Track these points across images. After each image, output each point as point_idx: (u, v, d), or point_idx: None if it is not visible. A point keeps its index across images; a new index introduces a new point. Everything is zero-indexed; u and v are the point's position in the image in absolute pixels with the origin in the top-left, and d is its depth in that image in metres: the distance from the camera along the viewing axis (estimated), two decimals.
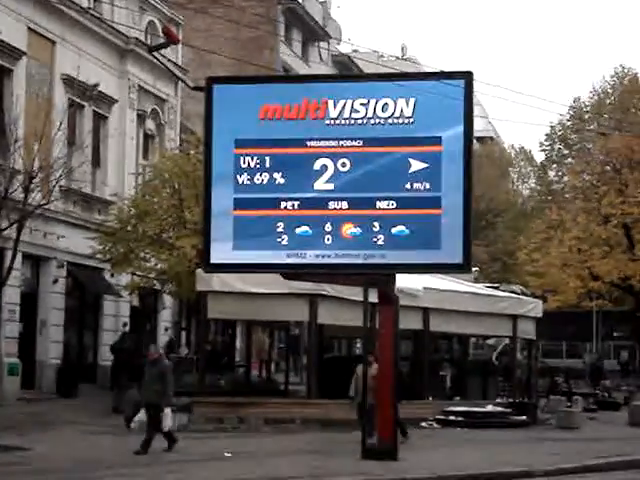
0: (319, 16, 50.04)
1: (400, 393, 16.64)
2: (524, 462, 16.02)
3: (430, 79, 16.49)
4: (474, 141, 17.43)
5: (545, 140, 50.97)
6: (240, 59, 33.57)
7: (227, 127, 16.04)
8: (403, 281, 18.73)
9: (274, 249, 15.76)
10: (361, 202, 15.67)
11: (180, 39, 30.76)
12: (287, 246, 15.71)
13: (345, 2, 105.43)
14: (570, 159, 49.37)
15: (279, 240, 15.73)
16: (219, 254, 15.97)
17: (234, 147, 15.95)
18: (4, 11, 25.32)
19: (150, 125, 33.26)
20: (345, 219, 15.66)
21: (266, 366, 31.67)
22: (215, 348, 33.74)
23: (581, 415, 24.53)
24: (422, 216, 15.58)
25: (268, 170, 15.82)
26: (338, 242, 15.64)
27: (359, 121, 15.78)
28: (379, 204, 15.61)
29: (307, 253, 15.71)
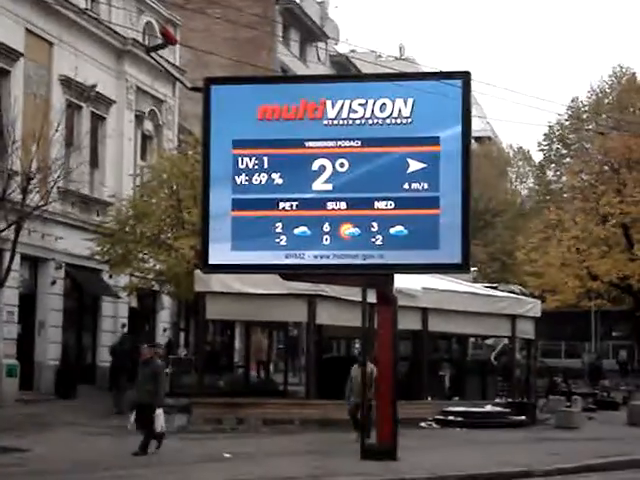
0: (317, 16, 50.06)
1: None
2: (523, 462, 16.01)
3: (428, 79, 16.47)
4: (472, 141, 17.41)
5: (543, 140, 51.03)
6: (238, 60, 33.52)
7: (225, 128, 16.02)
8: (402, 281, 18.72)
9: (272, 250, 15.75)
10: (359, 202, 15.66)
11: (178, 40, 30.76)
12: (285, 247, 15.69)
13: (343, 2, 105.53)
14: (568, 159, 49.41)
15: (277, 241, 15.72)
16: (217, 255, 15.95)
17: (232, 148, 15.93)
18: (1, 12, 25.31)
19: (148, 126, 33.25)
20: (343, 219, 15.65)
21: (265, 367, 31.66)
22: (214, 349, 33.73)
23: (580, 415, 24.52)
24: (420, 216, 15.57)
25: (266, 171, 15.80)
26: (337, 242, 15.62)
27: (357, 121, 15.76)
28: (377, 204, 15.59)
29: (305, 254, 15.70)
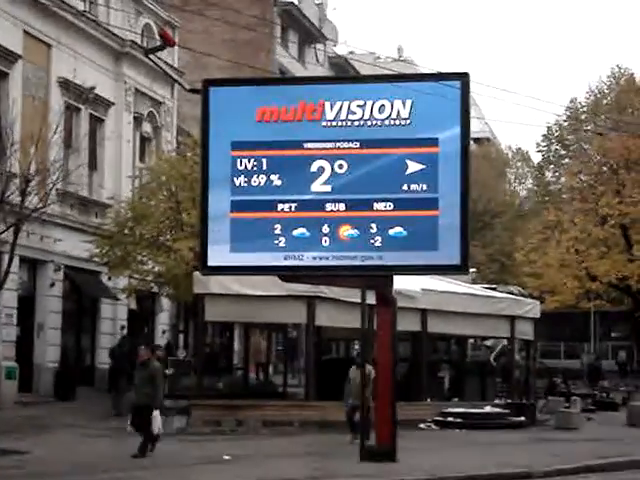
0: (315, 18, 50.08)
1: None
2: (523, 463, 16.00)
3: (426, 80, 16.48)
4: (471, 142, 17.41)
5: (542, 141, 51.01)
6: (236, 61, 33.52)
7: (224, 129, 16.03)
8: (401, 283, 18.71)
9: (271, 251, 15.75)
10: (358, 204, 15.66)
11: (176, 42, 30.76)
12: (284, 248, 15.69)
13: (341, 4, 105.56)
14: (567, 160, 49.41)
15: (276, 242, 15.72)
16: (216, 256, 15.95)
17: (231, 149, 15.93)
18: (0, 15, 25.29)
19: (147, 128, 33.25)
20: (342, 221, 15.65)
21: (264, 368, 31.64)
22: (213, 351, 33.70)
23: (579, 416, 24.51)
24: (419, 217, 15.57)
25: (265, 172, 15.80)
26: (335, 244, 15.62)
27: (356, 123, 15.77)
28: (376, 206, 15.60)
29: (304, 255, 15.70)
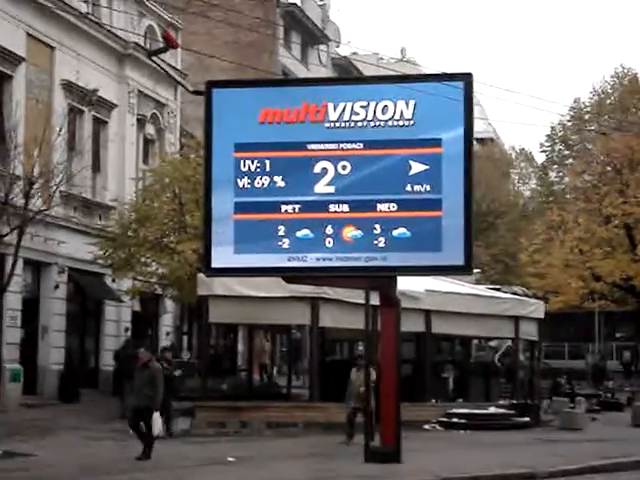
0: (318, 19, 50.05)
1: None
2: (527, 464, 15.98)
3: (430, 81, 16.45)
4: (474, 142, 17.40)
5: (546, 141, 51.00)
6: (239, 63, 33.51)
7: (227, 131, 16.02)
8: (405, 283, 18.71)
9: (275, 252, 15.74)
10: (362, 205, 15.65)
11: (179, 43, 30.75)
12: (288, 249, 15.69)
13: (344, 5, 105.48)
14: (571, 160, 49.37)
15: (280, 243, 15.72)
16: (220, 258, 15.94)
17: (234, 151, 15.93)
18: (3, 17, 25.33)
19: (150, 130, 33.26)
20: (346, 222, 15.65)
21: (268, 370, 31.63)
22: (217, 352, 33.69)
23: (584, 416, 24.50)
24: (423, 218, 15.56)
25: (268, 173, 15.80)
26: (339, 245, 15.62)
27: (359, 124, 15.76)
28: (380, 207, 15.59)
29: (308, 256, 15.70)
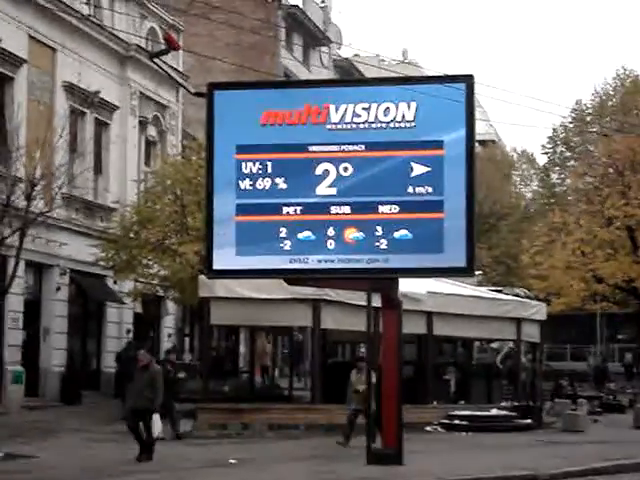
0: (320, 21, 50.06)
1: None
2: (530, 466, 15.96)
3: (431, 83, 16.46)
4: (476, 144, 17.40)
5: (547, 143, 51.01)
6: (241, 65, 33.52)
7: (229, 133, 16.03)
8: (406, 285, 18.70)
9: (277, 254, 15.74)
10: (363, 206, 15.65)
11: (181, 45, 30.77)
12: (290, 251, 15.69)
13: (345, 6, 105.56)
14: (573, 161, 49.34)
15: (282, 245, 15.72)
16: (222, 260, 15.95)
17: (236, 153, 15.93)
18: (5, 19, 25.36)
19: (152, 131, 33.27)
20: (348, 224, 15.65)
21: (269, 372, 31.63)
22: (218, 354, 33.67)
23: (586, 418, 24.47)
24: (425, 220, 15.56)
25: (270, 175, 15.80)
26: (341, 247, 15.62)
27: (361, 125, 15.76)
28: (381, 208, 15.59)
29: (310, 258, 15.70)
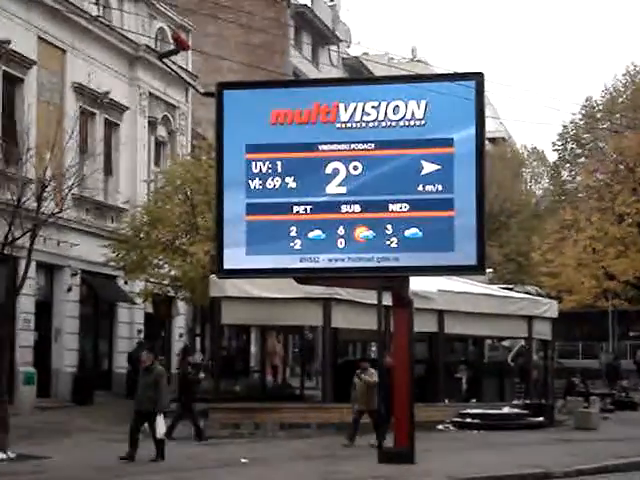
0: (328, 19, 50.02)
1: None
2: (542, 464, 15.95)
3: (441, 80, 16.44)
4: (486, 142, 17.37)
5: (558, 140, 50.94)
6: (250, 64, 33.54)
7: (238, 132, 16.04)
8: (417, 283, 18.68)
9: (287, 254, 15.75)
10: (374, 205, 15.65)
11: (190, 45, 30.79)
12: (300, 250, 15.70)
13: (354, 5, 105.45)
14: (583, 158, 49.26)
15: (292, 245, 15.72)
16: (232, 260, 15.96)
17: (245, 152, 15.95)
18: (14, 20, 25.41)
19: (161, 132, 33.31)
20: (358, 222, 15.64)
21: (281, 371, 31.63)
22: (230, 354, 33.68)
23: (598, 415, 24.41)
24: (435, 218, 15.54)
25: (280, 175, 15.81)
26: (351, 245, 15.61)
27: (370, 124, 15.76)
28: (392, 207, 15.58)
29: (320, 257, 15.70)
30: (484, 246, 15.81)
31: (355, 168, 15.72)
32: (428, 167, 15.56)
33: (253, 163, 15.88)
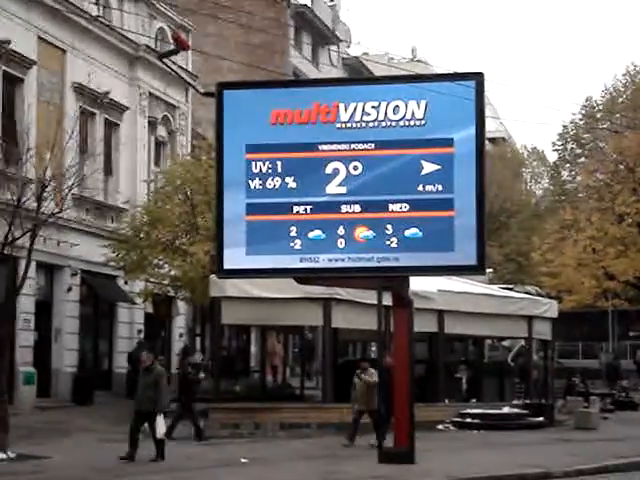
0: (328, 19, 50.02)
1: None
2: (542, 463, 15.96)
3: (441, 80, 16.45)
4: (486, 142, 17.38)
5: (558, 140, 50.95)
6: (250, 64, 33.53)
7: (238, 132, 16.05)
8: (417, 283, 18.68)
9: (287, 254, 15.76)
10: (374, 205, 15.66)
11: (190, 45, 30.78)
12: (300, 250, 15.71)
13: (354, 5, 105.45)
14: (583, 158, 49.28)
15: (292, 245, 15.73)
16: (232, 259, 15.97)
17: (245, 152, 15.96)
18: (14, 20, 25.41)
19: (161, 132, 33.31)
20: (358, 222, 15.65)
21: (280, 371, 31.63)
22: (230, 354, 33.67)
23: (598, 415, 24.42)
24: (435, 218, 15.55)
25: (280, 175, 15.82)
26: (351, 245, 15.62)
27: (370, 124, 15.77)
28: (392, 207, 15.59)
29: (320, 257, 15.71)
30: (484, 246, 15.82)
31: (355, 168, 15.73)
32: (428, 167, 15.57)
33: (253, 163, 15.89)
